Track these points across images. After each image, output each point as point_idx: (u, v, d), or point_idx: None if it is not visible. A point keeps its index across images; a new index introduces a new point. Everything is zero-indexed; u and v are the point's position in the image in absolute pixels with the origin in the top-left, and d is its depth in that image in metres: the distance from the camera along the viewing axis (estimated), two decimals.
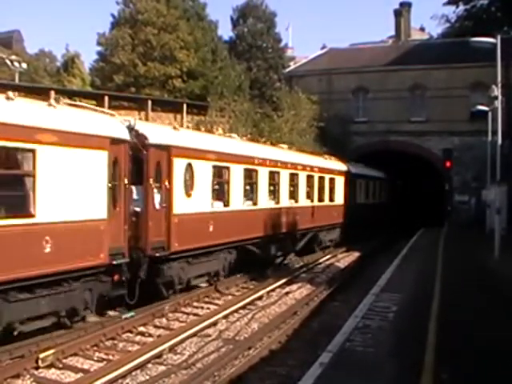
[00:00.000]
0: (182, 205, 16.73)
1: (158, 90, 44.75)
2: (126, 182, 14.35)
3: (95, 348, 12.81)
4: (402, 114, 43.54)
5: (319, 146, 38.23)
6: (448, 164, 41.29)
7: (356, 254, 31.08)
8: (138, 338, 13.92)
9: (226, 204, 19.68)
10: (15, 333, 11.62)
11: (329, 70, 46.34)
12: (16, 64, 48.78)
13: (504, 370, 9.21)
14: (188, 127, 30.76)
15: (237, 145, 21.70)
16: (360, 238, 33.78)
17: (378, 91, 44.40)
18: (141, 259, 15.18)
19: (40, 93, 28.20)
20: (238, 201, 20.38)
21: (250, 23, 55.13)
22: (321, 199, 29.49)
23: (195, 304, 17.65)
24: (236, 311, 16.82)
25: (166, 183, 16.09)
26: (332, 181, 31.25)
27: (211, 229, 18.21)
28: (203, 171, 17.97)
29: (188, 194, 17.12)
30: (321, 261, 27.86)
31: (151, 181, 15.57)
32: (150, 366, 11.81)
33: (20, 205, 11.70)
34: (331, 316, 16.52)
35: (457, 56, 40.43)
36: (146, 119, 33.93)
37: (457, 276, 18.65)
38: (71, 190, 12.59)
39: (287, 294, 19.90)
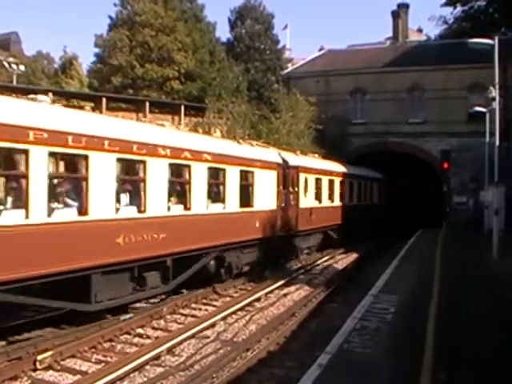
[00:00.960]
0: (302, 201, 26.76)
1: (156, 91, 44.88)
2: (280, 188, 24.22)
3: (93, 350, 12.81)
4: (400, 116, 43.54)
5: (317, 148, 38.19)
6: (446, 165, 41.24)
7: (354, 256, 31.08)
8: (135, 339, 13.90)
9: (320, 201, 29.65)
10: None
11: (327, 72, 46.33)
12: (14, 66, 48.81)
13: (502, 371, 9.21)
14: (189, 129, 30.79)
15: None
16: (357, 239, 33.78)
17: (375, 92, 44.41)
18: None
19: (38, 95, 28.13)
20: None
21: (248, 25, 55.26)
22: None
23: (193, 305, 17.64)
24: (234, 313, 16.81)
25: (296, 188, 25.97)
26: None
27: (313, 217, 27.94)
28: (312, 181, 28.41)
29: (305, 195, 27.30)
30: (319, 262, 27.87)
31: (290, 187, 25.34)
32: (147, 367, 11.80)
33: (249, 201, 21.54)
34: (329, 317, 16.50)
35: (454, 57, 40.44)
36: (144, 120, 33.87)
37: (455, 277, 18.63)
38: (264, 192, 22.48)
39: (285, 295, 19.89)
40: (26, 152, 11.75)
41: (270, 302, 18.60)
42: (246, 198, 21.21)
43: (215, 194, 19.61)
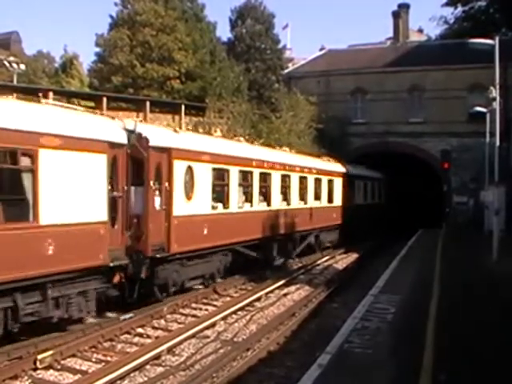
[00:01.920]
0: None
1: (156, 91, 44.84)
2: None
3: (93, 349, 12.82)
4: (401, 116, 43.49)
5: (317, 148, 38.19)
6: (446, 165, 41.24)
7: (354, 256, 31.10)
8: (136, 339, 13.91)
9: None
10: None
11: (327, 72, 46.29)
12: (14, 65, 48.73)
13: (501, 371, 9.22)
14: (188, 129, 30.69)
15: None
16: (358, 239, 33.79)
17: (376, 92, 44.38)
18: None
19: (38, 94, 28.14)
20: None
21: (249, 24, 55.21)
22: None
23: (193, 305, 17.66)
24: (234, 312, 16.82)
25: None
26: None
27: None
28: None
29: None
30: (319, 262, 27.88)
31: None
32: (148, 367, 11.81)
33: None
34: (330, 317, 16.53)
35: (455, 57, 40.42)
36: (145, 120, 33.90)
37: (455, 277, 18.63)
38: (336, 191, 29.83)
39: (285, 295, 19.90)
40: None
41: (270, 302, 18.61)
42: (329, 196, 31.21)
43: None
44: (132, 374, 11.33)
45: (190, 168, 17.46)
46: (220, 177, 19.74)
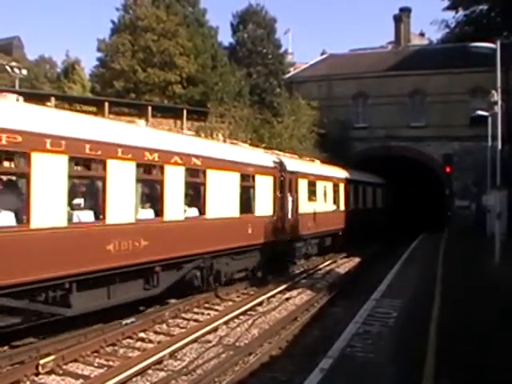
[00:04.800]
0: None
1: (158, 96, 44.90)
2: None
3: (95, 354, 12.80)
4: (402, 120, 43.57)
5: (319, 152, 38.21)
6: (448, 169, 41.32)
7: (356, 260, 31.07)
8: (138, 343, 13.90)
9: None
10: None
11: (329, 76, 46.40)
12: (16, 70, 48.94)
13: (503, 376, 9.21)
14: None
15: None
16: (360, 244, 33.78)
17: (377, 97, 44.47)
18: None
19: (40, 99, 28.23)
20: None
21: (250, 29, 55.22)
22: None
23: (195, 310, 17.64)
24: (236, 317, 16.79)
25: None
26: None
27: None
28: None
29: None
30: (321, 266, 27.85)
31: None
32: (150, 372, 11.80)
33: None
34: (332, 322, 16.50)
35: (456, 61, 40.49)
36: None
37: (457, 281, 18.60)
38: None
39: (287, 299, 19.87)
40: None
41: (272, 307, 18.58)
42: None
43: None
44: (134, 379, 11.32)
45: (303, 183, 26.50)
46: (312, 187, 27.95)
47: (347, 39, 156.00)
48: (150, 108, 37.20)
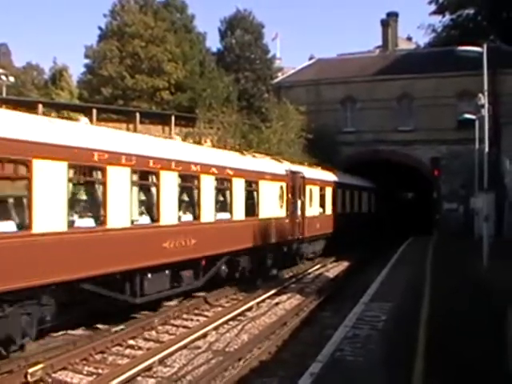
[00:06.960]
0: None
1: (146, 102, 44.93)
2: None
3: (84, 362, 12.73)
4: (390, 124, 43.72)
5: (308, 157, 38.26)
6: (436, 172, 41.55)
7: (345, 264, 31.09)
8: (127, 351, 13.85)
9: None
10: None
11: (317, 81, 46.54)
12: (3, 77, 48.71)
13: (490, 378, 9.25)
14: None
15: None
16: (348, 248, 33.82)
17: (365, 101, 44.64)
18: None
19: (28, 106, 28.15)
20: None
21: (238, 35, 55.27)
22: None
23: (185, 316, 17.60)
24: (226, 323, 16.76)
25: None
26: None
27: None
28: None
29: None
30: (310, 271, 27.87)
31: None
32: (139, 379, 11.75)
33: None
34: (321, 326, 16.51)
35: (444, 65, 40.70)
36: (135, 131, 33.94)
37: (446, 283, 18.67)
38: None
39: (277, 304, 19.86)
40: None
41: (261, 312, 18.57)
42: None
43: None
44: None
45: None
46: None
47: (335, 44, 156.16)
48: (138, 114, 37.22)
